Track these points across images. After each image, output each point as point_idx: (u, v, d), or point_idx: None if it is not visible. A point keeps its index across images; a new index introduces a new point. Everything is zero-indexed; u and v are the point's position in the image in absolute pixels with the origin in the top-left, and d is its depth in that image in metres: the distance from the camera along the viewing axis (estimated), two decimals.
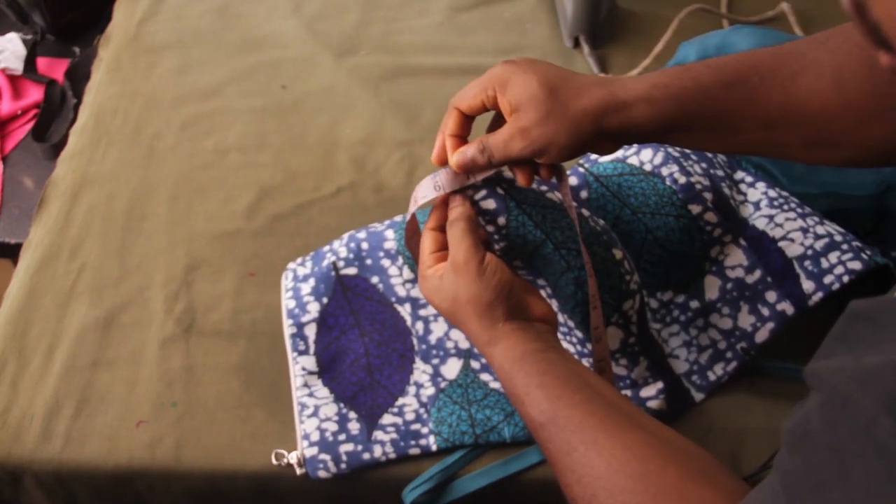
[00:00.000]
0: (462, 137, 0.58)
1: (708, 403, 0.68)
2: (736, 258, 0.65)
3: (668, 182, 0.65)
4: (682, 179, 0.64)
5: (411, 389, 0.68)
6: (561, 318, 0.64)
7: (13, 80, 1.15)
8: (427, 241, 0.58)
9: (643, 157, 0.67)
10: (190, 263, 0.78)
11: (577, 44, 1.02)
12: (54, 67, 1.18)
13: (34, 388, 0.69)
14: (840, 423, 0.35)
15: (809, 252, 0.64)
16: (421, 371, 0.69)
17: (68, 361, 0.71)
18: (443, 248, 0.58)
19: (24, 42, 1.18)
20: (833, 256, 0.64)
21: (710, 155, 0.69)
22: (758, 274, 0.64)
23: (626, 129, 0.54)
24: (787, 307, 0.64)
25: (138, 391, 0.69)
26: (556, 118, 0.53)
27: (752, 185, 0.68)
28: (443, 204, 0.58)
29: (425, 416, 0.67)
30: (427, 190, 0.58)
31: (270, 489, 0.66)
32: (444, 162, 0.58)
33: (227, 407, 0.68)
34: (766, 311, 0.65)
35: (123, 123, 0.92)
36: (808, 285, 0.64)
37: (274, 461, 0.65)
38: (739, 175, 0.68)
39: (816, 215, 0.67)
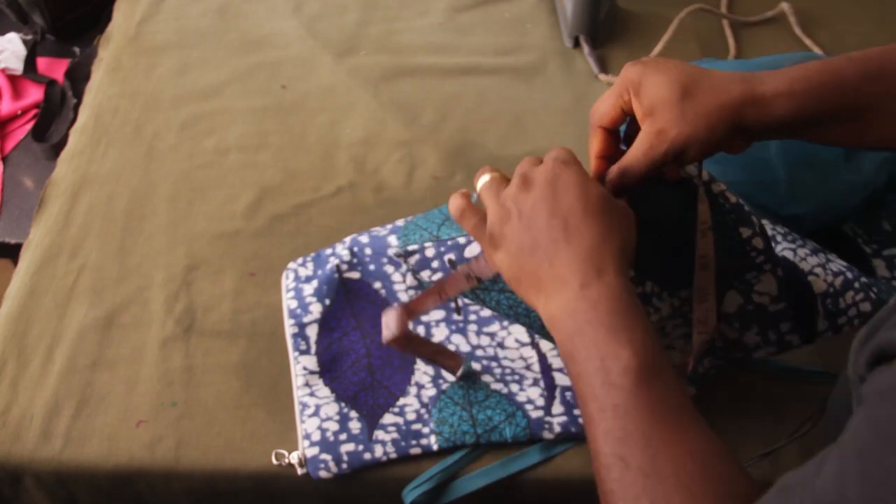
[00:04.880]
0: (610, 157, 0.57)
1: (706, 403, 0.68)
2: (767, 286, 0.62)
3: (720, 199, 0.59)
4: (733, 199, 0.60)
5: (412, 390, 0.68)
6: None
7: (13, 80, 1.15)
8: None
9: (689, 169, 0.62)
10: (190, 263, 0.78)
11: (577, 44, 1.02)
12: (54, 67, 1.18)
13: (34, 388, 0.69)
14: None
15: (831, 290, 0.63)
16: (422, 372, 0.69)
17: (68, 361, 0.71)
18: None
19: (24, 42, 1.18)
20: (849, 296, 0.63)
21: None
22: (781, 305, 0.62)
23: (765, 124, 0.53)
24: (794, 339, 0.64)
25: (138, 391, 0.69)
26: (692, 117, 0.52)
27: (760, 218, 0.64)
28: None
29: (426, 416, 0.67)
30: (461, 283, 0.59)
31: (270, 489, 0.66)
32: None
33: (227, 407, 0.68)
34: (773, 337, 0.64)
35: (123, 123, 0.92)
36: (822, 324, 0.63)
37: (274, 461, 0.65)
38: (747, 208, 0.64)
39: (822, 251, 0.66)
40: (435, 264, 0.66)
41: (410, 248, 0.67)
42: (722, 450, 0.44)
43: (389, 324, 0.60)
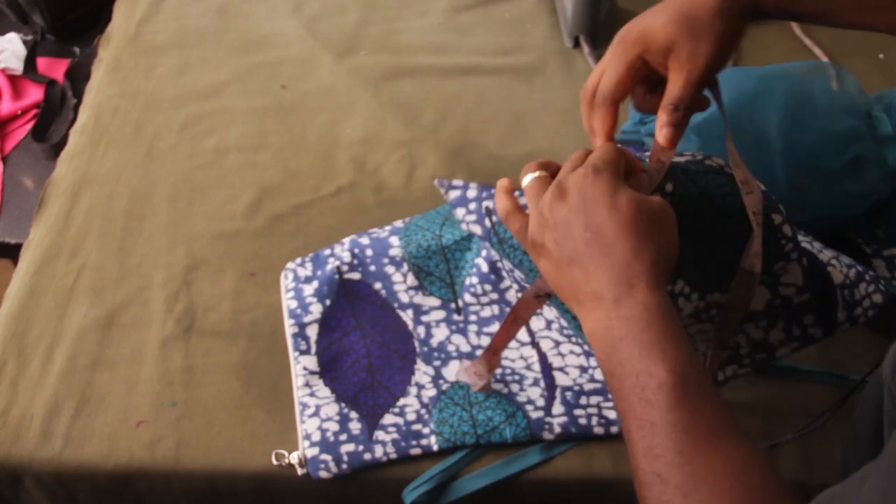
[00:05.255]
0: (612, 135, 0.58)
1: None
2: (794, 276, 0.61)
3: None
4: (762, 185, 0.58)
5: (413, 390, 0.68)
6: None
7: (13, 80, 1.15)
8: (622, 155, 0.55)
9: (716, 160, 0.60)
10: (190, 263, 0.78)
11: (577, 44, 1.02)
12: (54, 67, 1.18)
13: (34, 388, 0.69)
14: None
15: (847, 281, 0.63)
16: (422, 372, 0.69)
17: (68, 361, 0.71)
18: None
19: (24, 42, 1.18)
20: (863, 287, 0.63)
21: None
22: (806, 296, 0.61)
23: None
24: (817, 332, 0.63)
25: (138, 391, 0.69)
26: (707, 29, 0.54)
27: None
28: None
29: (426, 416, 0.67)
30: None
31: (270, 489, 0.66)
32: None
33: (227, 407, 0.68)
34: (797, 332, 0.63)
35: (123, 123, 0.92)
36: (841, 315, 0.62)
37: (274, 461, 0.65)
38: None
39: (830, 248, 0.66)
40: (472, 206, 0.64)
41: (455, 182, 0.66)
42: (761, 462, 0.44)
43: (481, 372, 0.61)
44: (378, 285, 0.73)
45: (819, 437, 0.65)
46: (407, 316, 0.72)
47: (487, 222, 0.63)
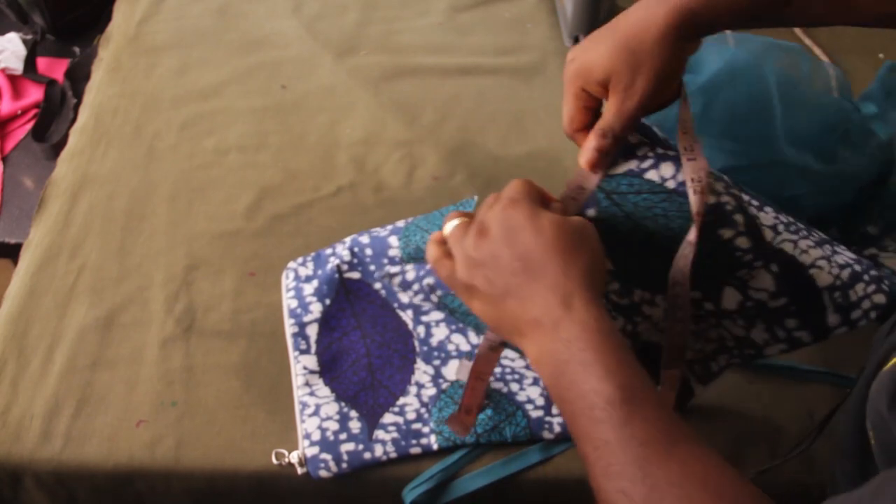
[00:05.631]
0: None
1: (707, 403, 0.68)
2: (762, 282, 0.60)
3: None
4: (712, 199, 0.56)
5: (412, 389, 0.68)
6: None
7: (13, 80, 1.15)
8: (533, 185, 0.55)
9: (664, 172, 0.57)
10: (190, 263, 0.78)
11: (577, 43, 1.02)
12: (54, 67, 1.18)
13: (34, 388, 0.69)
14: None
15: (838, 283, 0.59)
16: (422, 371, 0.69)
17: (68, 361, 0.71)
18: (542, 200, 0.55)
19: (24, 42, 1.18)
20: (859, 288, 0.60)
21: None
22: (782, 301, 0.60)
23: (715, 19, 0.53)
24: (804, 335, 0.61)
25: (138, 391, 0.69)
26: (646, 60, 0.53)
27: (760, 208, 0.61)
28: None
29: (426, 415, 0.67)
30: None
31: (270, 489, 0.66)
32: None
33: (227, 407, 0.68)
34: (781, 334, 0.62)
35: (123, 123, 0.92)
36: (833, 319, 0.60)
37: (274, 461, 0.65)
38: (746, 197, 0.61)
39: (828, 241, 0.63)
40: (416, 287, 0.67)
41: (392, 270, 0.68)
42: (720, 463, 0.44)
43: (457, 430, 0.63)
44: (378, 285, 0.73)
45: (819, 438, 0.65)
46: (407, 316, 0.72)
47: (434, 297, 0.66)
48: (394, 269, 0.68)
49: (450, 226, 0.55)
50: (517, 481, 0.65)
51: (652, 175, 0.56)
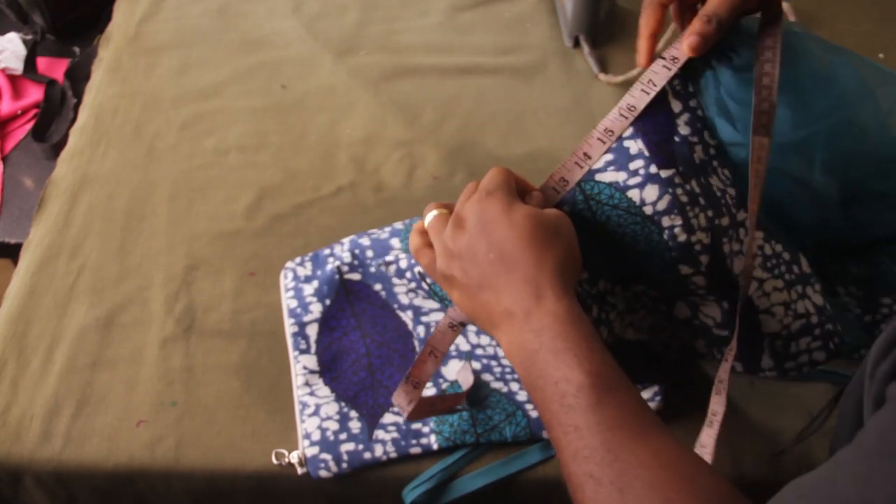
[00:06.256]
0: (658, 37, 0.58)
1: (706, 403, 0.68)
2: (711, 311, 0.60)
3: (665, 235, 0.56)
4: (682, 237, 0.55)
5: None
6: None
7: (13, 80, 1.15)
8: (511, 174, 0.55)
9: (647, 195, 0.55)
10: (190, 263, 0.78)
11: (577, 44, 1.02)
12: (54, 67, 1.18)
13: (34, 388, 0.69)
14: None
15: (784, 333, 0.60)
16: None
17: (68, 361, 0.71)
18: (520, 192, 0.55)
19: (24, 42, 1.18)
20: (803, 342, 0.60)
21: (718, 195, 0.58)
22: (725, 333, 0.60)
23: None
24: (736, 365, 0.62)
25: (138, 391, 0.69)
26: None
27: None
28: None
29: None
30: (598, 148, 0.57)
31: (271, 489, 0.66)
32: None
33: (227, 407, 0.68)
34: (718, 355, 0.63)
35: (123, 123, 0.92)
36: (767, 362, 0.61)
37: (274, 461, 0.65)
38: (742, 216, 0.60)
39: (801, 283, 0.60)
40: (408, 275, 0.67)
41: (388, 258, 0.69)
42: (689, 453, 0.44)
43: (402, 405, 0.61)
44: (378, 286, 0.73)
45: (819, 435, 0.65)
46: (407, 316, 0.72)
47: (424, 285, 0.66)
48: (389, 258, 0.68)
49: (429, 217, 0.56)
50: (517, 481, 0.65)
51: (634, 194, 0.56)
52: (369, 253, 0.72)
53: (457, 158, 0.88)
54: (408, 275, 0.68)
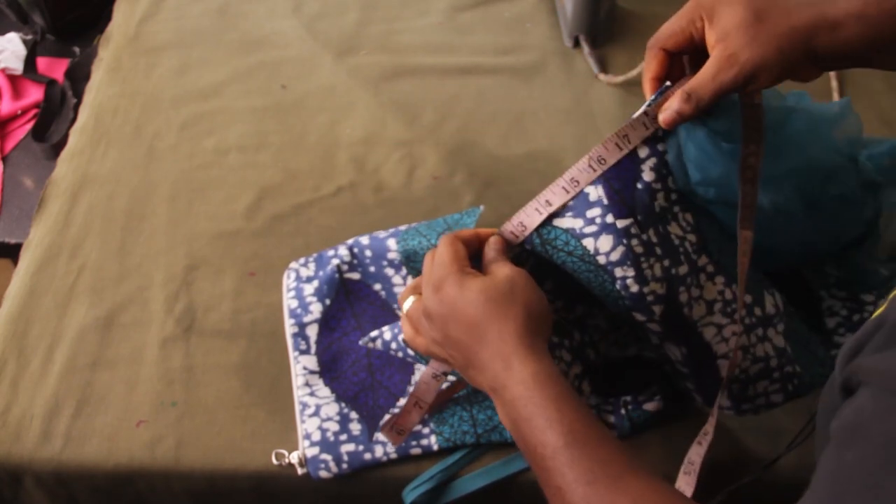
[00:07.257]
0: (662, 80, 0.57)
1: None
2: (671, 352, 0.60)
3: (618, 285, 0.56)
4: (635, 288, 0.55)
5: (412, 390, 0.68)
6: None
7: (13, 80, 1.15)
8: (456, 247, 0.55)
9: (601, 245, 0.55)
10: (190, 263, 0.78)
11: (577, 44, 1.02)
12: (54, 67, 1.18)
13: (34, 388, 0.69)
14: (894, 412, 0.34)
15: (742, 376, 0.60)
16: (422, 372, 0.69)
17: (68, 361, 0.71)
18: (471, 259, 0.56)
19: (24, 42, 1.18)
20: (761, 385, 0.61)
21: (677, 243, 0.58)
22: (685, 370, 0.61)
23: (836, 49, 0.52)
24: (697, 397, 0.63)
25: (138, 391, 0.69)
26: (763, 41, 0.51)
27: (711, 277, 0.59)
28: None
29: (426, 416, 0.67)
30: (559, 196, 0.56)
31: (270, 489, 0.66)
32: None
33: (227, 407, 0.68)
34: (680, 385, 0.64)
35: (123, 123, 0.92)
36: (724, 401, 0.62)
37: (274, 461, 0.65)
38: (703, 261, 0.59)
39: (762, 325, 0.61)
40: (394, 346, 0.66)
41: (372, 334, 0.66)
42: (667, 492, 0.46)
43: (393, 440, 0.64)
44: (377, 286, 0.73)
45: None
46: None
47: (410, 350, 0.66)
48: (374, 334, 0.67)
49: (406, 305, 0.58)
50: (517, 481, 0.65)
51: (588, 243, 0.56)
52: (368, 252, 0.72)
53: (457, 158, 0.88)
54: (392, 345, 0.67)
